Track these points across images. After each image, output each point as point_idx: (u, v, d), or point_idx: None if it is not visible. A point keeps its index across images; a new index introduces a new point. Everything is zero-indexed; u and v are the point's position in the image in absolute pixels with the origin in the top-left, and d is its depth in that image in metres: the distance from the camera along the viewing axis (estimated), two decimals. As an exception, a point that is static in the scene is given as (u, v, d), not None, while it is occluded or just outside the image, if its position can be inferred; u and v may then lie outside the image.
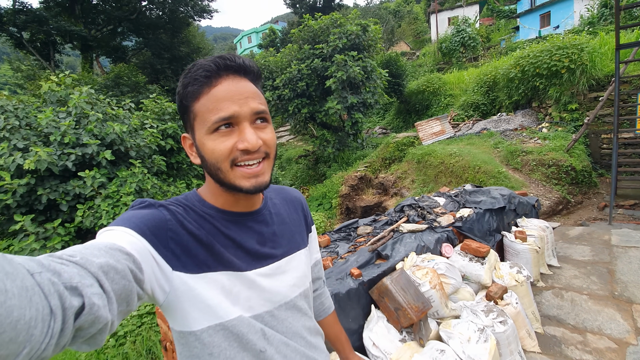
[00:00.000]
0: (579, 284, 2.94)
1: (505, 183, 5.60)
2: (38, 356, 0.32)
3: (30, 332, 0.30)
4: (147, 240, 0.55)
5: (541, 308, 2.67)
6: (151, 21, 16.20)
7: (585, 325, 2.41)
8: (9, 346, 0.29)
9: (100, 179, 4.79)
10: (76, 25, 14.63)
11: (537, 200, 3.82)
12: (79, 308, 0.36)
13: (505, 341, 1.91)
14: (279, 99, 10.91)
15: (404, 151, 9.12)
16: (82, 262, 0.40)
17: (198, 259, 0.60)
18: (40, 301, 0.32)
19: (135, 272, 0.49)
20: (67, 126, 4.79)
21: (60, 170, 4.65)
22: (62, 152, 4.70)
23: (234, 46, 64.26)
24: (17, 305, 0.29)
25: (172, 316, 0.61)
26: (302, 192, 10.79)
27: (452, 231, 2.72)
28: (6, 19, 13.63)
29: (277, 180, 8.67)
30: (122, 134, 5.23)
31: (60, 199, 4.67)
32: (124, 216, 0.58)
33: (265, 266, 0.68)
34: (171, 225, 0.59)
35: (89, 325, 0.38)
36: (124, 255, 0.48)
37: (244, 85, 0.61)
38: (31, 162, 4.24)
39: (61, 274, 0.36)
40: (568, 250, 3.68)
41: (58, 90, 5.62)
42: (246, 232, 0.68)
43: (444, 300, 2.04)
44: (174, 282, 0.57)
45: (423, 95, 13.37)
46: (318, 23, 10.57)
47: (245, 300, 0.64)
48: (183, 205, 0.64)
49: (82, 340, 0.40)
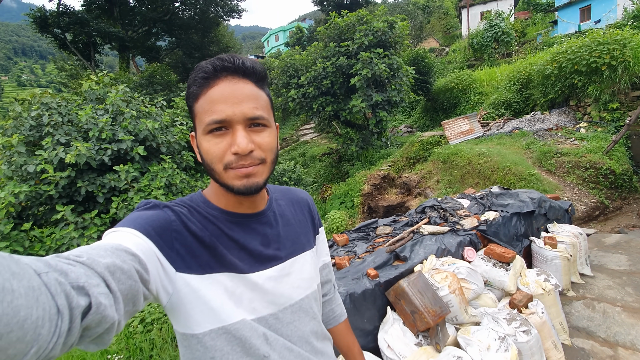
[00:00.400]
0: (612, 295, 2.76)
1: (536, 186, 5.32)
2: (46, 355, 0.33)
3: (37, 331, 0.31)
4: (153, 241, 0.55)
5: (570, 319, 2.53)
6: (183, 22, 16.79)
7: (617, 339, 2.26)
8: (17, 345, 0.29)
9: (133, 173, 5.04)
10: (114, 27, 15.45)
11: (570, 205, 3.62)
12: (86, 307, 0.36)
13: (529, 352, 1.84)
14: (304, 96, 10.97)
15: (429, 150, 8.90)
16: (88, 262, 0.41)
17: (201, 260, 0.60)
18: (47, 301, 0.32)
19: (141, 272, 0.49)
20: (105, 123, 5.08)
21: (98, 164, 4.93)
22: (99, 147, 4.98)
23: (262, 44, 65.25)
24: (24, 305, 0.29)
25: (176, 318, 0.61)
26: (325, 190, 10.81)
27: (476, 235, 2.63)
28: (51, 21, 14.61)
29: (300, 177, 8.74)
30: (154, 130, 5.47)
31: (97, 191, 4.95)
32: (130, 217, 0.58)
33: (268, 268, 0.67)
34: (176, 226, 0.60)
35: (96, 324, 0.38)
36: (130, 256, 0.48)
37: (241, 87, 0.60)
38: (72, 156, 4.53)
39: (68, 274, 0.36)
40: (603, 259, 3.46)
41: (97, 88, 5.97)
42: (250, 233, 0.68)
43: (464, 305, 1.99)
44: (177, 283, 0.58)
45: (451, 93, 12.96)
46: (344, 20, 10.50)
47: (248, 302, 0.63)
48: (188, 207, 0.65)
49: (89, 340, 0.40)
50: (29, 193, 4.66)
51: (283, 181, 8.44)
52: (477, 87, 12.35)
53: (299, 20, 60.36)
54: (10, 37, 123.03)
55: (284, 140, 24.15)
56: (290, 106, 11.29)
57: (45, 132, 5.08)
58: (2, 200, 4.38)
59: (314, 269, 0.77)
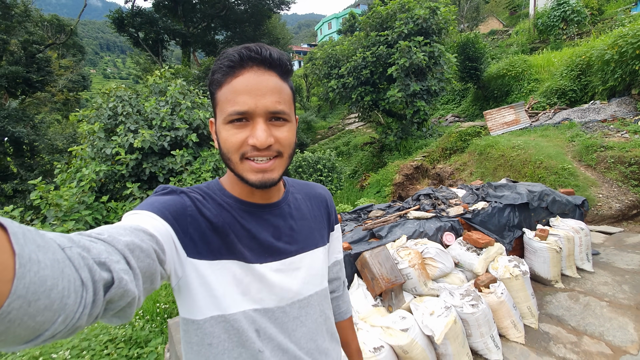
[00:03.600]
0: (603, 291, 2.77)
1: (568, 181, 5.07)
2: (73, 325, 0.34)
3: (64, 301, 0.31)
4: (169, 225, 0.57)
5: (547, 307, 2.65)
6: (237, 16, 17.92)
7: (587, 328, 2.36)
8: (45, 313, 0.30)
9: (187, 157, 5.83)
10: (178, 24, 17.07)
11: (584, 201, 3.55)
12: (109, 282, 0.38)
13: (475, 322, 2.10)
14: (344, 87, 11.22)
15: (467, 142, 8.65)
16: (109, 239, 0.42)
17: (212, 246, 0.61)
18: (71, 273, 0.33)
19: (159, 252, 0.50)
20: (165, 113, 5.93)
21: (159, 149, 5.79)
22: (160, 134, 5.85)
23: (315, 33, 65.55)
24: (49, 276, 0.30)
25: (181, 302, 0.63)
26: (364, 179, 11.07)
27: (459, 222, 2.84)
28: (127, 21, 16.66)
29: (334, 165, 9.13)
30: (205, 119, 6.22)
31: (159, 172, 5.81)
32: (148, 201, 0.60)
33: (277, 260, 0.67)
34: (191, 211, 0.61)
35: (118, 298, 0.39)
36: (148, 236, 0.50)
37: (266, 79, 0.59)
38: (139, 142, 5.42)
39: (90, 250, 0.38)
40: (614, 257, 3.36)
41: (160, 82, 6.92)
42: (262, 224, 0.68)
43: (424, 279, 2.29)
44: (187, 268, 0.59)
45: (503, 80, 12.16)
46: (386, 9, 10.42)
47: (256, 292, 0.64)
48: (203, 193, 0.66)
49: (112, 313, 0.41)
50: (107, 172, 5.65)
51: (317, 168, 8.92)
52: (533, 73, 11.42)
53: (354, 6, 59.30)
54: (97, 34, 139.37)
55: (329, 129, 24.55)
56: (330, 96, 11.63)
57: (119, 121, 6.08)
58: (87, 177, 5.45)
59: (325, 267, 0.78)
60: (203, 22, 18.18)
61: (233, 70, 0.59)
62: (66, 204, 5.07)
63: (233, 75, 0.59)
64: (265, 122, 0.59)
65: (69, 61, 20.94)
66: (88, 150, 6.01)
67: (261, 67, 0.59)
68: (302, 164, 9.01)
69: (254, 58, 0.58)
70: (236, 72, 0.59)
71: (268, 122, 0.60)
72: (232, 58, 0.58)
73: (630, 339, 2.21)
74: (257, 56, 0.58)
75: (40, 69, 14.43)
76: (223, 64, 0.59)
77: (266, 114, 0.59)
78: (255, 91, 0.58)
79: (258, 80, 0.58)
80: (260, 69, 0.59)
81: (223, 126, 0.60)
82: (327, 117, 26.79)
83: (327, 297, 0.77)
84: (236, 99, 0.58)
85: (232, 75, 0.59)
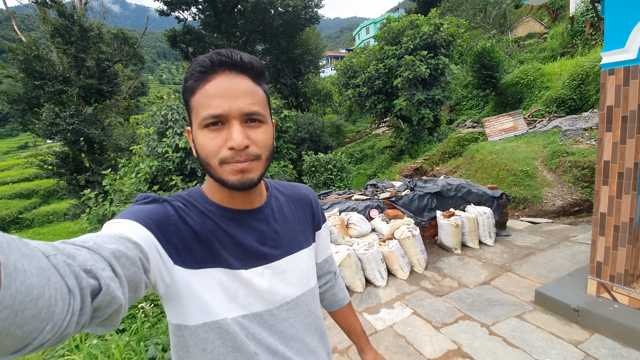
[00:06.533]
0: (487, 257, 3.81)
1: (523, 181, 5.88)
2: (61, 333, 0.34)
3: (51, 309, 0.31)
4: (152, 233, 0.56)
5: (438, 263, 3.76)
6: (273, 30, 19.80)
7: (453, 275, 3.46)
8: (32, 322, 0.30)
9: None
10: (221, 40, 19.35)
11: (502, 194, 4.53)
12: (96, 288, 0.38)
13: (366, 260, 3.32)
14: (359, 95, 12.43)
15: (465, 147, 9.45)
16: (94, 247, 0.42)
17: (196, 255, 0.61)
18: (57, 281, 0.33)
19: (143, 260, 0.50)
20: None
21: None
22: None
23: (354, 38, 66.61)
24: (36, 284, 0.30)
25: (171, 309, 0.63)
26: (378, 178, 12.19)
27: (384, 202, 4.04)
28: (179, 38, 19.26)
29: (343, 166, 10.38)
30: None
31: (197, 168, 7.41)
32: (130, 210, 0.59)
33: (262, 265, 0.68)
34: (174, 220, 0.61)
35: (106, 305, 0.39)
36: (133, 245, 0.50)
37: (238, 83, 0.59)
38: (183, 143, 7.09)
39: (75, 257, 0.37)
40: (520, 238, 4.30)
41: None
42: (245, 230, 0.68)
43: (342, 234, 3.55)
44: (175, 275, 0.59)
45: (516, 88, 12.58)
46: (398, 25, 11.49)
47: (244, 297, 0.65)
48: (186, 201, 0.66)
49: (98, 322, 0.41)
50: (158, 166, 7.30)
51: (328, 168, 10.23)
52: (545, 81, 11.76)
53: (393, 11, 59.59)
54: (155, 43, 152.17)
55: (357, 133, 25.70)
56: (347, 104, 12.88)
57: (169, 125, 7.83)
58: (143, 170, 7.22)
59: (311, 267, 0.78)
60: (243, 37, 20.33)
61: (205, 75, 0.59)
62: (127, 190, 6.77)
63: (205, 80, 0.59)
64: (241, 124, 0.59)
65: (131, 72, 24.35)
66: (144, 148, 7.80)
67: (233, 71, 0.60)
68: (315, 164, 10.37)
69: (224, 62, 0.59)
70: (208, 77, 0.59)
71: (243, 124, 0.60)
72: (203, 64, 0.58)
73: (475, 281, 3.29)
74: (228, 60, 0.59)
75: (110, 81, 17.28)
76: (195, 70, 0.59)
77: (241, 116, 0.59)
78: (229, 94, 0.58)
79: (231, 83, 0.59)
80: (232, 72, 0.59)
81: (199, 131, 0.60)
82: (356, 121, 27.96)
83: (315, 297, 0.78)
84: (210, 102, 0.58)
85: (204, 81, 0.59)
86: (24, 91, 13.75)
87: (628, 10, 2.23)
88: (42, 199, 23.49)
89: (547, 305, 2.71)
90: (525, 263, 3.56)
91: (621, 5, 2.27)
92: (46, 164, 13.71)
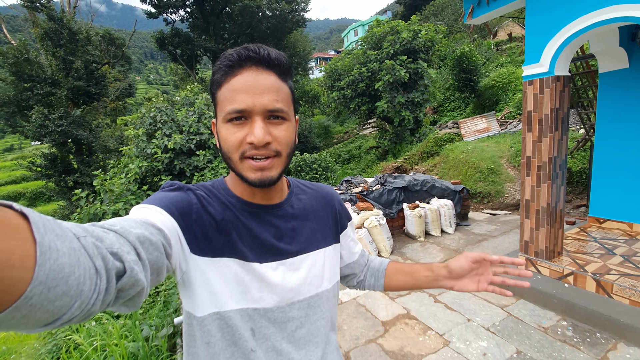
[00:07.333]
0: (446, 243, 4.29)
1: (488, 178, 6.42)
2: (88, 310, 0.36)
3: (79, 287, 0.33)
4: (176, 220, 0.58)
5: (403, 249, 4.23)
6: (260, 33, 20.19)
7: (413, 257, 3.93)
8: (63, 298, 0.32)
9: (208, 156, 7.48)
10: (209, 42, 19.63)
11: (463, 188, 5.03)
12: (121, 270, 0.40)
13: (338, 246, 3.76)
14: (344, 97, 12.92)
15: (442, 146, 10.02)
16: (121, 231, 0.44)
17: (215, 244, 0.63)
18: (86, 261, 0.35)
19: (166, 246, 0.52)
20: (192, 121, 7.79)
21: (187, 149, 7.59)
22: (188, 138, 7.67)
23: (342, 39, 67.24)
24: (67, 263, 0.32)
25: (185, 296, 0.65)
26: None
27: (356, 196, 4.49)
28: (167, 41, 19.46)
29: (328, 165, 10.83)
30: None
31: (186, 168, 7.62)
32: (156, 196, 0.61)
33: (277, 261, 0.68)
34: (196, 209, 0.62)
35: (129, 287, 0.41)
36: (157, 230, 0.52)
37: (264, 79, 0.60)
38: (172, 144, 7.36)
39: (103, 240, 0.40)
40: (478, 227, 4.81)
41: (190, 96, 8.93)
42: (263, 225, 0.68)
43: (317, 224, 3.98)
44: (190, 264, 0.61)
45: (492, 91, 13.26)
46: (380, 30, 12.02)
47: (256, 291, 0.65)
48: (209, 191, 0.67)
49: (122, 302, 0.43)
50: (147, 167, 7.52)
51: (313, 167, 10.66)
52: (519, 84, 12.44)
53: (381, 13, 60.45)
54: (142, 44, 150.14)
55: (345, 134, 26.23)
56: (332, 105, 13.35)
57: (157, 127, 8.09)
58: (132, 170, 7.48)
59: (328, 268, 0.76)
60: (231, 39, 20.64)
61: (232, 69, 0.60)
62: (117, 190, 6.99)
63: (232, 74, 0.60)
64: (263, 120, 0.60)
65: (118, 73, 24.35)
66: (134, 149, 8.04)
67: (259, 67, 0.60)
68: (301, 164, 10.79)
69: (252, 57, 0.60)
70: (235, 71, 0.60)
71: (266, 121, 0.60)
72: (231, 58, 0.60)
73: (431, 261, 3.75)
74: (255, 55, 0.60)
75: (98, 83, 17.37)
76: (222, 64, 0.61)
77: (264, 112, 0.60)
78: (253, 89, 0.59)
79: (256, 79, 0.59)
80: (259, 68, 0.60)
81: (223, 125, 0.61)
82: (345, 122, 28.53)
83: (328, 300, 0.76)
84: (234, 97, 0.59)
85: (231, 75, 0.60)
86: (14, 94, 13.79)
87: (541, 33, 2.73)
88: (29, 202, 23.29)
89: (486, 278, 3.19)
90: (477, 247, 4.05)
91: (536, 28, 2.77)
92: (35, 165, 13.77)
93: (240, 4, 18.39)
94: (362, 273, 0.91)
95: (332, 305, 0.78)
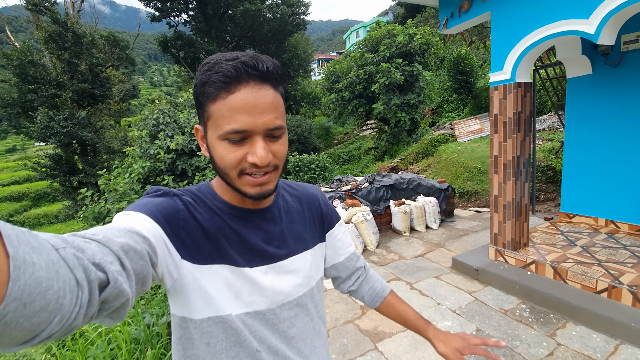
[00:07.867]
0: (429, 237, 4.56)
1: (476, 177, 6.68)
2: (69, 325, 0.34)
3: (59, 301, 0.31)
4: (161, 227, 0.57)
5: (389, 243, 4.50)
6: (262, 36, 20.57)
7: (397, 251, 4.21)
8: (41, 314, 0.30)
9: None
10: (212, 45, 20.01)
11: (448, 186, 5.30)
12: (104, 281, 0.38)
13: (326, 239, 4.04)
14: (342, 99, 13.21)
15: (437, 147, 10.27)
16: (104, 240, 0.42)
17: (204, 251, 0.62)
18: (66, 273, 0.33)
19: (151, 254, 0.51)
20: (194, 122, 8.18)
21: (189, 150, 7.90)
22: (190, 139, 8.00)
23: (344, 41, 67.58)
24: (45, 277, 0.30)
25: (177, 302, 0.64)
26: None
27: (345, 194, 4.77)
28: (170, 44, 19.86)
29: (325, 166, 11.11)
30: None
31: (188, 169, 7.94)
32: (140, 202, 0.60)
33: (267, 264, 0.69)
34: (183, 215, 0.62)
35: (113, 298, 0.40)
36: (141, 238, 0.50)
37: (263, 95, 0.59)
38: (174, 145, 7.69)
39: (84, 250, 0.38)
40: (462, 223, 5.07)
41: (192, 98, 9.25)
42: (252, 229, 0.69)
43: (307, 219, 4.26)
44: (182, 270, 0.60)
45: (488, 93, 13.50)
46: (377, 34, 12.31)
47: (247, 295, 0.65)
48: (195, 197, 0.66)
49: (106, 314, 0.41)
50: (150, 167, 7.81)
51: (311, 167, 10.95)
52: (513, 86, 12.68)
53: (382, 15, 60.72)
54: (146, 45, 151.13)
55: (345, 135, 26.54)
56: (330, 107, 13.65)
57: (160, 128, 8.41)
58: (136, 171, 7.78)
59: (314, 268, 0.78)
60: (232, 42, 21.04)
61: (229, 85, 0.57)
62: (121, 190, 7.25)
63: (229, 91, 0.57)
64: (264, 138, 0.60)
65: (122, 75, 24.81)
66: (137, 150, 8.37)
67: (257, 82, 0.58)
68: (299, 164, 11.09)
69: (251, 74, 0.58)
70: (232, 87, 0.57)
71: (266, 139, 0.60)
72: (227, 73, 0.56)
73: (413, 254, 4.04)
74: (255, 72, 0.58)
75: (102, 85, 17.79)
76: (218, 78, 0.57)
77: (265, 132, 0.59)
78: (254, 109, 0.57)
79: (256, 97, 0.58)
80: (257, 83, 0.58)
81: (219, 142, 0.59)
82: (344, 123, 28.84)
83: (313, 296, 0.78)
84: (234, 117, 0.57)
85: (227, 91, 0.57)
86: (18, 95, 14.19)
87: (504, 43, 3.01)
88: (32, 202, 23.69)
89: (459, 268, 3.47)
90: (457, 241, 4.32)
91: (499, 39, 3.05)
92: (40, 166, 14.16)
93: (241, 8, 18.78)
94: (351, 279, 0.91)
95: (318, 301, 0.80)
